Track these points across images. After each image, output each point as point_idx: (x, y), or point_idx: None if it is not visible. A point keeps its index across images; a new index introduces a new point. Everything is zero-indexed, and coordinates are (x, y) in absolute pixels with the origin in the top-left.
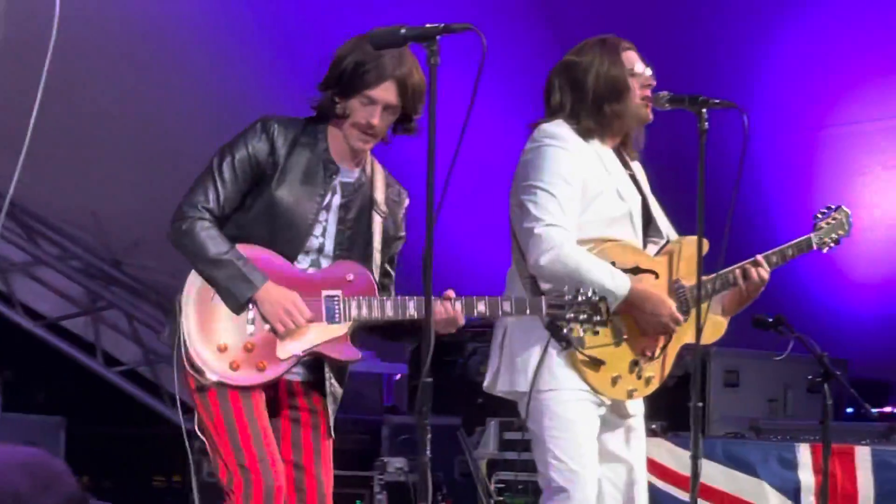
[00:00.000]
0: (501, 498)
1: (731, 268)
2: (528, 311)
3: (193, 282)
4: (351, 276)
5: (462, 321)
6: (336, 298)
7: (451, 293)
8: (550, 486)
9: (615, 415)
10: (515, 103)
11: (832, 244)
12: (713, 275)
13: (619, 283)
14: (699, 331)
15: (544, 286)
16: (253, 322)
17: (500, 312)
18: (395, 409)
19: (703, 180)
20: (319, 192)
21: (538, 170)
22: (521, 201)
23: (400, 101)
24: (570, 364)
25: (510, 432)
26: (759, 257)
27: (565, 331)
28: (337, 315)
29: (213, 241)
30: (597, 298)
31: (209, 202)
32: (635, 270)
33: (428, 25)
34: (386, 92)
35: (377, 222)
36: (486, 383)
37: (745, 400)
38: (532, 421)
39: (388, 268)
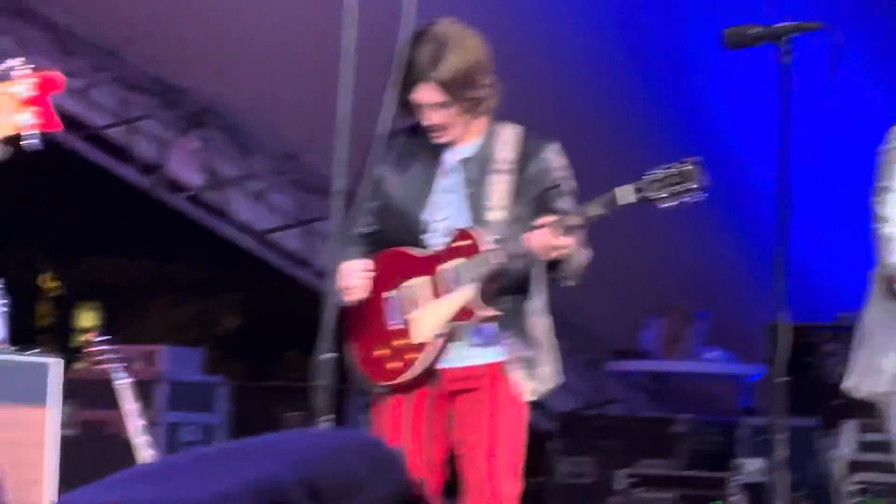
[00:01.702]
0: (859, 500)
1: None
2: (618, 202)
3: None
4: (463, 243)
5: (556, 241)
6: (454, 268)
7: (542, 220)
8: None
9: None
10: (878, 105)
11: None
12: None
13: None
14: None
15: None
16: (395, 309)
17: (590, 216)
18: (752, 409)
19: None
20: (429, 181)
21: (886, 171)
22: (871, 203)
23: (445, 96)
24: None
25: (870, 433)
26: None
27: None
28: (458, 283)
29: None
30: (688, 166)
31: (356, 229)
32: None
33: (779, 25)
34: (427, 94)
35: (496, 182)
36: (845, 384)
37: None
38: (894, 423)
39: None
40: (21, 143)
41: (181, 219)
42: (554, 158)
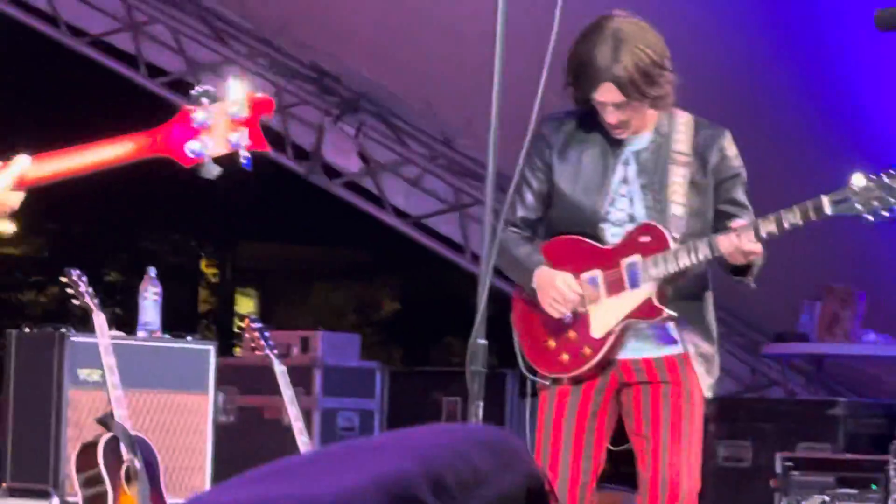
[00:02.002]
0: None
1: None
2: (812, 215)
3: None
4: (646, 238)
5: (749, 246)
6: (635, 264)
7: (736, 223)
8: None
9: None
10: None
11: None
12: None
13: None
14: None
15: None
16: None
17: (786, 226)
18: None
19: None
20: (604, 170)
21: None
22: None
23: (626, 95)
24: None
25: None
26: None
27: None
28: (638, 279)
29: (513, 245)
30: (892, 180)
31: (516, 214)
32: None
33: None
34: (608, 94)
35: (674, 173)
36: None
37: None
38: None
39: (730, 208)
40: (236, 161)
41: (338, 204)
42: (729, 147)
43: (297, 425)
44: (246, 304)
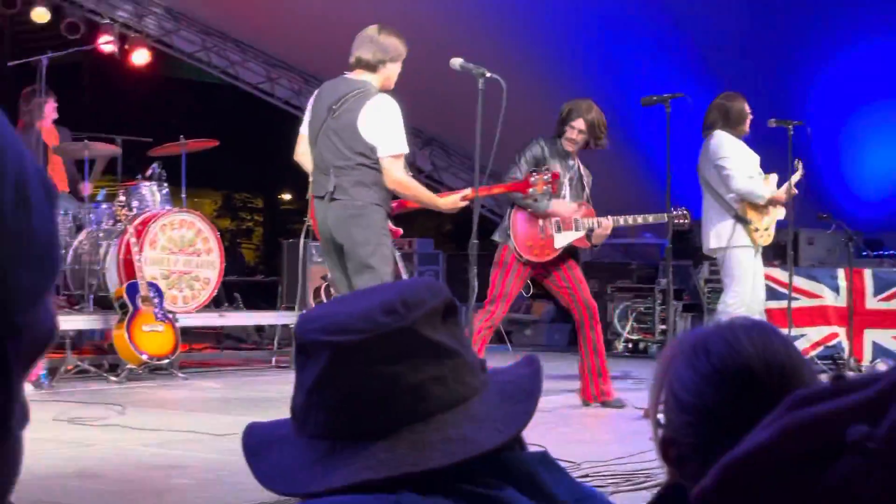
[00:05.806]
0: (712, 296)
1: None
2: (652, 220)
3: (514, 214)
4: (583, 209)
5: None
6: (579, 220)
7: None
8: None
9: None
10: None
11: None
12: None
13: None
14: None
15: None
16: (542, 230)
17: (638, 222)
18: None
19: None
20: (564, 173)
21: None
22: None
23: (588, 130)
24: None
25: (713, 266)
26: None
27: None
28: (581, 226)
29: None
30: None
31: (519, 168)
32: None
33: None
34: (580, 124)
35: (586, 184)
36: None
37: None
38: (720, 263)
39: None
40: None
41: None
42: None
43: None
44: None
